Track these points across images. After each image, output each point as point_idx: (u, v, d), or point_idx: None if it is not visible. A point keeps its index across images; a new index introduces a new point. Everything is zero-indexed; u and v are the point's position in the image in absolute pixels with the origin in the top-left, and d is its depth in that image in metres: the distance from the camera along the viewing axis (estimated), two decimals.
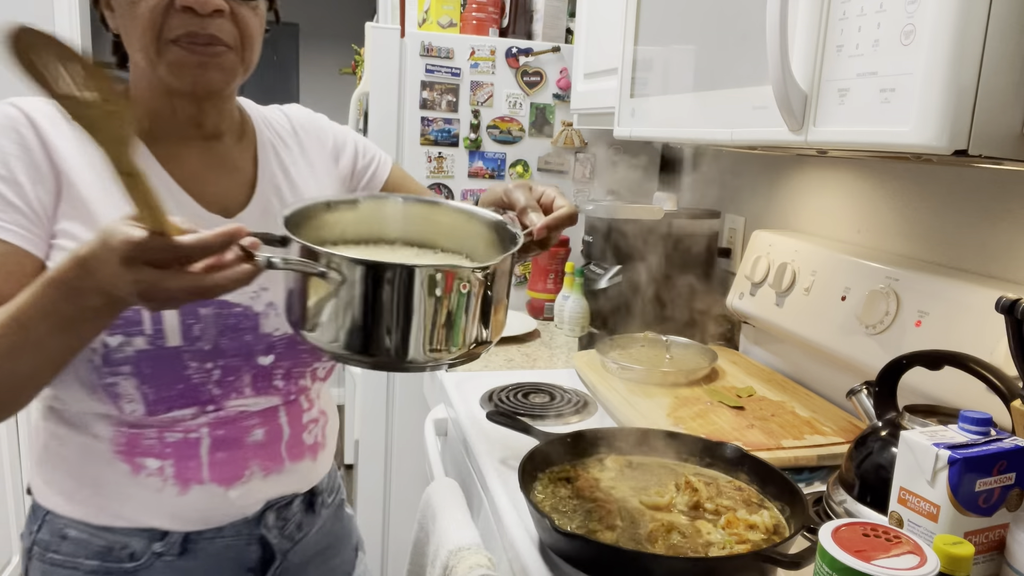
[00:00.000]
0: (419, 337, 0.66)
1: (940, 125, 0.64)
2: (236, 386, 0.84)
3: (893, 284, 1.09)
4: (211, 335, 0.80)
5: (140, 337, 0.76)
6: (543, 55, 1.95)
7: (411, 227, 0.86)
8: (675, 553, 0.77)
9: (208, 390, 0.82)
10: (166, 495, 0.82)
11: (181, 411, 0.81)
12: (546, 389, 1.32)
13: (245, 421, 0.86)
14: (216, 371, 0.82)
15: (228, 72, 0.79)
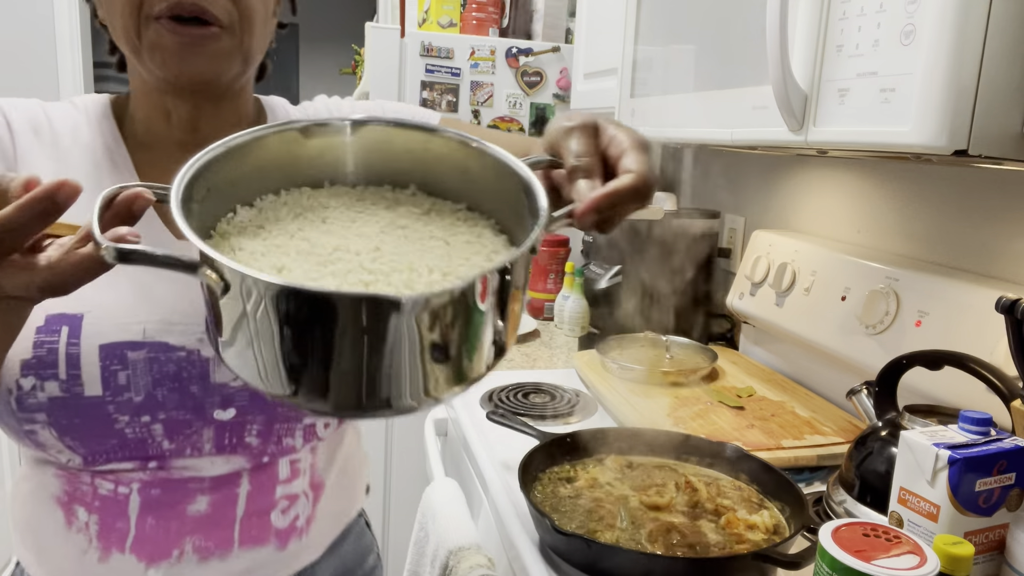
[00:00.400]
0: (385, 381, 0.42)
1: (940, 125, 0.64)
2: (193, 442, 0.69)
3: (893, 284, 1.09)
4: (143, 384, 0.66)
5: (53, 382, 0.63)
6: (543, 55, 1.95)
7: (392, 162, 0.57)
8: (675, 553, 0.77)
9: (156, 444, 0.68)
10: (88, 560, 0.69)
11: (120, 463, 0.68)
12: (546, 389, 1.32)
13: (191, 484, 0.70)
14: (157, 425, 0.67)
15: (221, 58, 0.66)
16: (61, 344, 0.63)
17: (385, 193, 0.56)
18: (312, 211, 0.52)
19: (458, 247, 0.50)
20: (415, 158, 0.56)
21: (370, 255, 0.47)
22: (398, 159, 0.56)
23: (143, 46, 0.64)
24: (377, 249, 0.48)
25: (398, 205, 0.55)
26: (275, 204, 0.53)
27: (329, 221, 0.52)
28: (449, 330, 0.43)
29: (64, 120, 0.72)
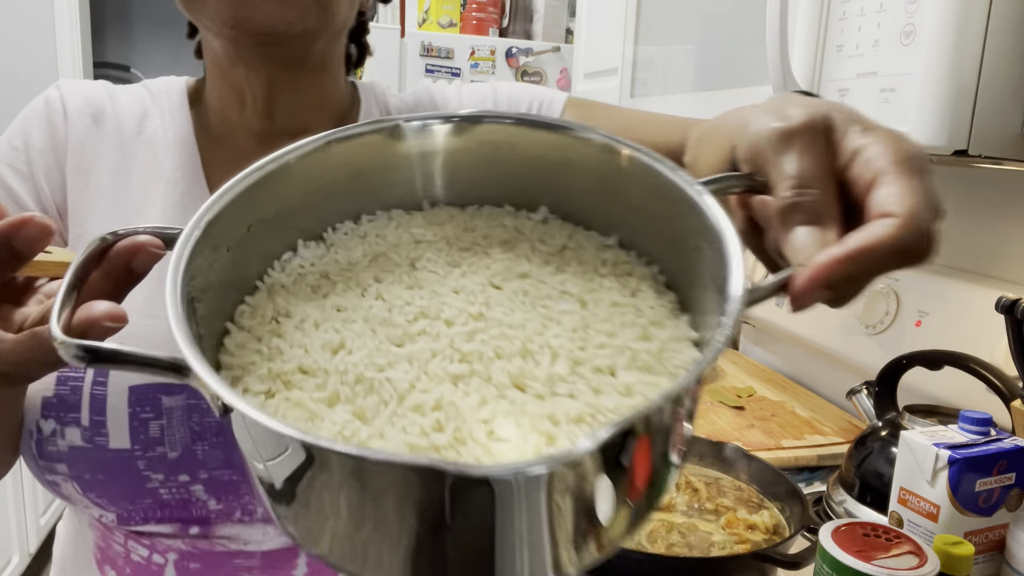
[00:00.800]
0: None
1: (940, 125, 0.64)
2: (244, 504, 0.58)
3: (893, 284, 1.09)
4: (178, 438, 0.56)
5: (74, 428, 0.54)
6: (543, 55, 1.95)
7: (514, 176, 0.40)
8: (675, 553, 0.77)
9: (200, 504, 0.57)
10: None
11: (159, 525, 0.58)
12: None
13: (238, 559, 0.59)
14: (197, 485, 0.57)
15: (294, 7, 0.53)
16: (86, 383, 0.54)
17: (504, 219, 0.39)
18: (398, 249, 0.37)
19: (600, 314, 0.34)
20: (547, 170, 0.39)
21: (466, 327, 0.32)
22: (523, 171, 0.39)
23: (206, 9, 0.53)
24: (480, 316, 0.33)
25: (520, 240, 0.38)
26: (349, 238, 0.38)
27: (420, 266, 0.36)
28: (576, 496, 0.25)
29: (132, 107, 0.64)
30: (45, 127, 0.61)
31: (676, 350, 0.33)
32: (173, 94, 0.65)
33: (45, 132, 0.61)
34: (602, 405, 0.29)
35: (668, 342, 0.33)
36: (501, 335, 0.32)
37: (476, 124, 0.38)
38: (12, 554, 2.14)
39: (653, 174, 0.35)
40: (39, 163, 0.60)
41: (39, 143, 0.60)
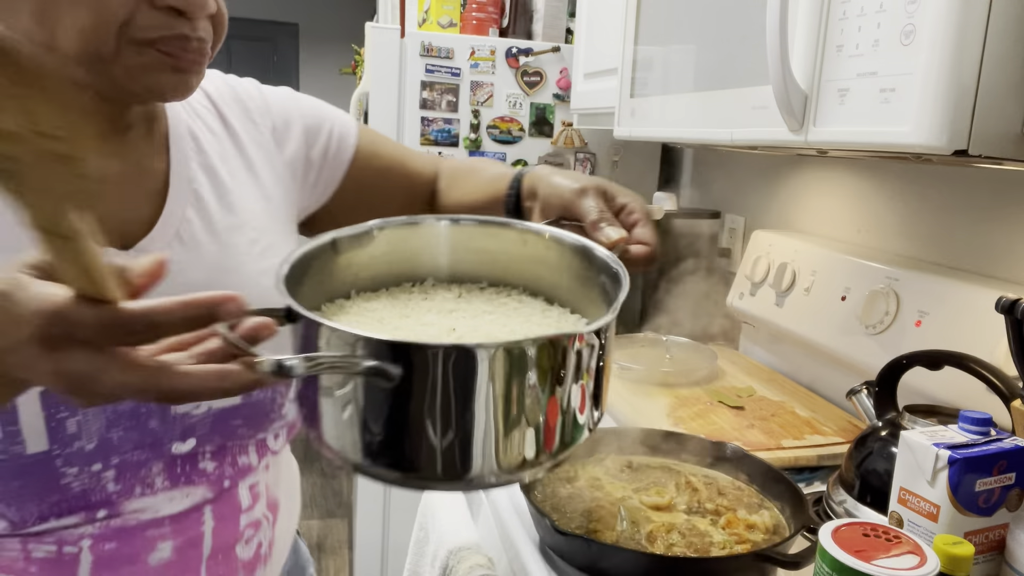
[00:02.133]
0: (520, 441, 0.44)
1: (940, 125, 0.64)
2: (144, 479, 0.60)
3: (893, 284, 1.09)
4: (95, 430, 0.57)
5: (16, 446, 0.54)
6: (543, 55, 1.95)
7: (455, 256, 0.61)
8: (675, 553, 0.77)
9: (102, 489, 0.59)
10: None
11: (60, 520, 0.58)
12: None
13: (149, 530, 0.61)
14: (109, 471, 0.59)
15: (203, 75, 0.61)
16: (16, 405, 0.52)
17: (413, 293, 0.60)
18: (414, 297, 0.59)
19: (526, 317, 0.56)
20: (494, 257, 0.61)
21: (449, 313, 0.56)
22: (423, 254, 0.61)
23: (118, 64, 0.55)
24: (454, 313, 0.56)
25: (432, 300, 0.59)
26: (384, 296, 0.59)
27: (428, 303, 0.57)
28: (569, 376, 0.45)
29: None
30: None
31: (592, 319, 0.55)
32: None
33: None
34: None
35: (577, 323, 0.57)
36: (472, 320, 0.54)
37: (423, 224, 0.60)
38: None
39: (526, 232, 0.61)
40: None
41: None
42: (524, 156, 1.99)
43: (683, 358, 1.39)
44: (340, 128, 0.81)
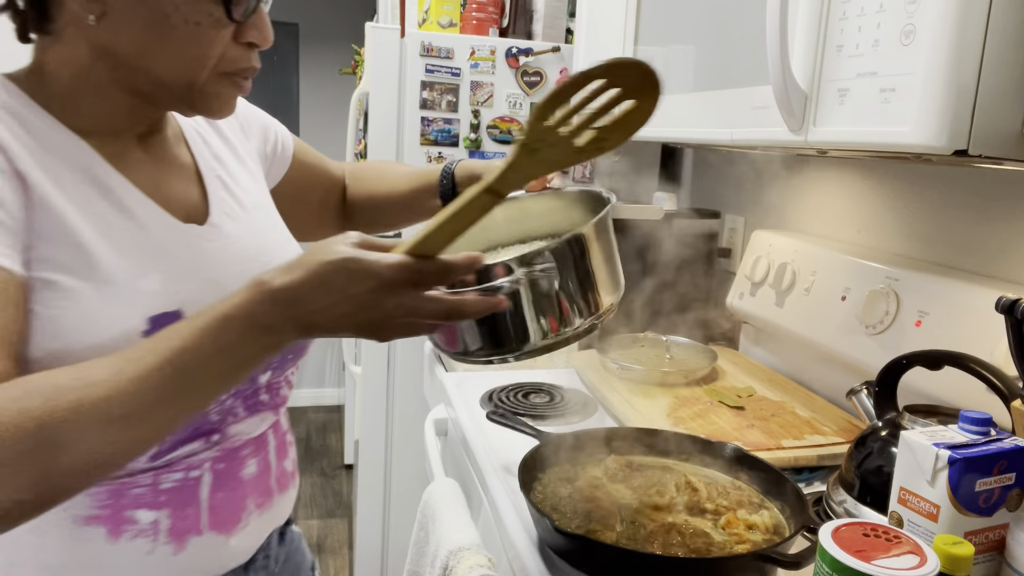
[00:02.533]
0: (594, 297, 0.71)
1: (940, 125, 0.64)
2: (231, 408, 0.72)
3: (893, 284, 1.09)
4: None
5: None
6: (543, 55, 1.95)
7: (513, 226, 0.83)
8: (675, 553, 0.77)
9: (208, 417, 0.70)
10: (158, 556, 0.68)
11: (187, 446, 0.69)
12: (546, 389, 1.32)
13: (243, 450, 0.75)
14: (227, 400, 0.72)
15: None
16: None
17: (499, 251, 0.86)
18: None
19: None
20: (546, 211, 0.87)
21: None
22: (496, 228, 0.86)
23: (204, 92, 0.66)
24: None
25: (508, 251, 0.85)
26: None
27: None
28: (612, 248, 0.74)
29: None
30: None
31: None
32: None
33: None
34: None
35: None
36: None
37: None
38: None
39: (546, 195, 0.86)
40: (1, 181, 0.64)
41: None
42: None
43: (683, 358, 1.39)
44: (282, 132, 0.95)
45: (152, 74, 0.64)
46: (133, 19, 0.62)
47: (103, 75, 0.65)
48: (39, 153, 0.62)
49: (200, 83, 0.65)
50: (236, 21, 0.64)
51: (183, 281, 0.67)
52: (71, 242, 0.61)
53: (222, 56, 0.65)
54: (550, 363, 1.54)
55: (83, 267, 0.61)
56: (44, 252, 0.60)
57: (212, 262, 0.71)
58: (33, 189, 0.60)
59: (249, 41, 0.66)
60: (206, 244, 0.71)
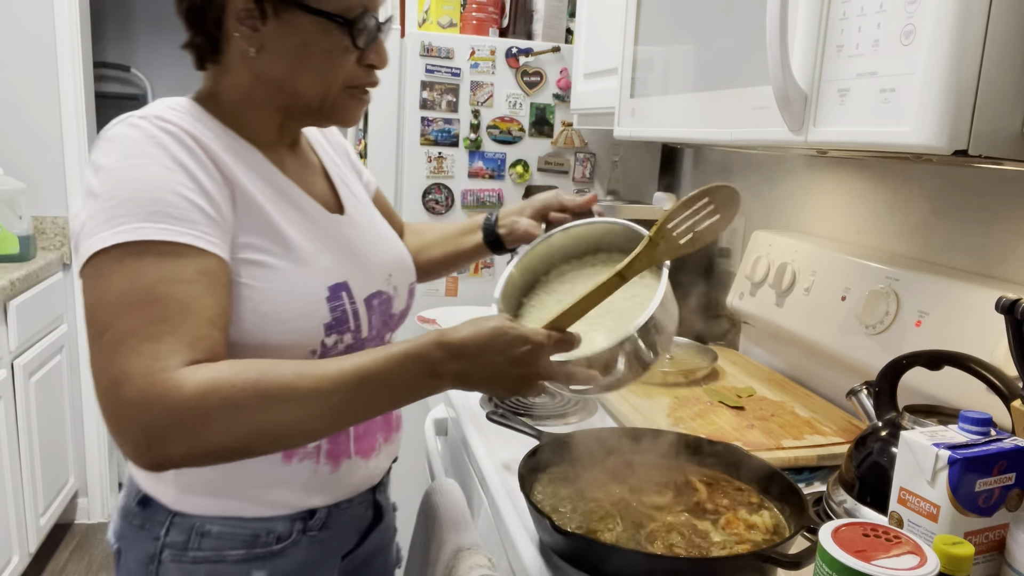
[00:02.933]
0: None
1: (940, 125, 0.64)
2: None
3: (893, 284, 1.09)
4: (375, 321, 0.88)
5: (348, 334, 0.83)
6: (543, 55, 1.95)
7: (568, 248, 0.96)
8: (675, 553, 0.77)
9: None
10: (320, 474, 0.86)
11: None
12: (545, 389, 1.32)
13: None
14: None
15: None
16: (347, 304, 0.82)
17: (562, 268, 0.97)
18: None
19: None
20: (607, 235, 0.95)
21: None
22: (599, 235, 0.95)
23: (335, 105, 0.82)
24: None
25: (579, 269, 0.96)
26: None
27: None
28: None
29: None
30: (185, 151, 0.75)
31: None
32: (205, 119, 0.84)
33: (189, 155, 0.75)
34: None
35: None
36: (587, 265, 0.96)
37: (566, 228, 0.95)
38: (12, 554, 2.14)
39: (598, 223, 0.95)
40: (202, 177, 0.75)
41: (192, 163, 0.75)
42: (524, 156, 1.99)
43: (683, 358, 1.39)
44: (369, 175, 1.09)
45: (297, 93, 0.81)
46: (283, 50, 0.78)
47: (261, 96, 0.81)
48: (237, 163, 0.78)
49: (332, 98, 0.81)
50: (359, 49, 0.79)
51: (343, 259, 0.85)
52: (271, 232, 0.79)
53: (347, 75, 0.80)
54: None
55: (282, 251, 0.79)
56: (251, 241, 0.77)
57: (356, 244, 0.89)
58: (239, 192, 0.77)
59: (369, 63, 0.81)
60: (348, 231, 0.89)
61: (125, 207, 0.68)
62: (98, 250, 0.67)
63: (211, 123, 0.80)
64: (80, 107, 2.49)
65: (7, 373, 2.10)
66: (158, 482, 0.83)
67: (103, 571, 2.46)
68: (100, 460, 2.73)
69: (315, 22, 0.77)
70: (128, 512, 0.85)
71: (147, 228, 0.68)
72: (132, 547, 0.85)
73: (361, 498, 0.93)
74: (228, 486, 0.82)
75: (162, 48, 3.75)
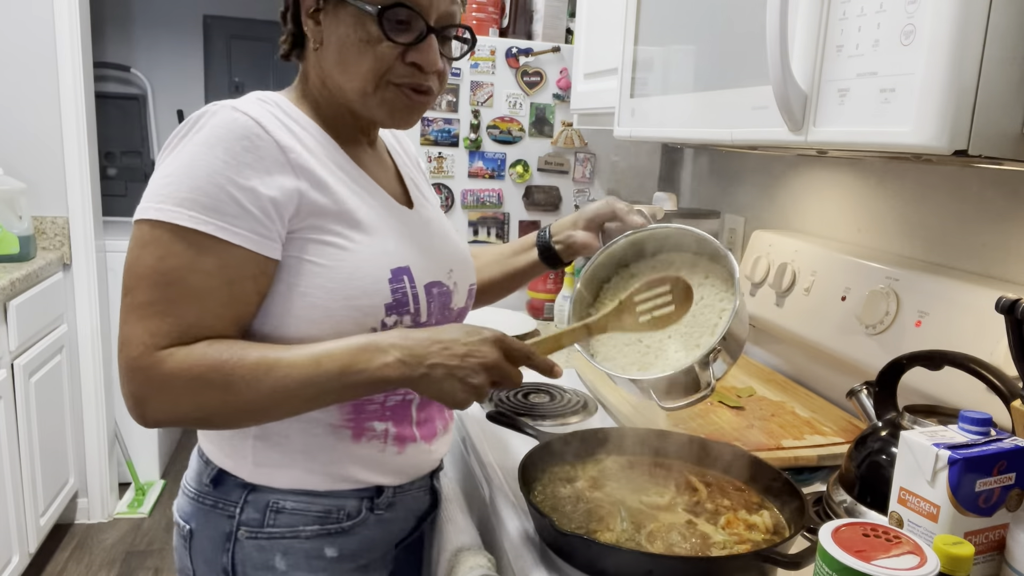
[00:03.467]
0: None
1: (940, 125, 0.63)
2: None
3: (893, 284, 1.09)
4: (434, 309, 0.90)
5: (407, 316, 0.85)
6: (543, 55, 1.95)
7: (629, 254, 0.99)
8: (675, 553, 0.77)
9: None
10: (387, 455, 0.90)
11: None
12: (546, 389, 1.32)
13: None
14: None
15: (421, 116, 0.91)
16: (407, 288, 0.85)
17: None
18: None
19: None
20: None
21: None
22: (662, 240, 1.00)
23: (375, 97, 0.83)
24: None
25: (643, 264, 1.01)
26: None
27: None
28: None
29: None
30: (246, 144, 0.78)
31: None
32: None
33: (246, 149, 0.78)
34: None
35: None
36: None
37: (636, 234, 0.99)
38: (12, 554, 2.14)
39: (670, 228, 0.98)
40: (250, 172, 0.78)
41: (248, 158, 0.78)
42: (524, 156, 1.99)
43: None
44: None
45: (342, 87, 0.83)
46: (332, 42, 0.82)
47: (332, 94, 0.85)
48: (312, 152, 0.82)
49: (371, 91, 0.82)
50: (393, 41, 0.80)
51: (406, 246, 0.88)
52: (342, 214, 0.82)
53: (390, 70, 0.82)
54: None
55: (355, 232, 0.83)
56: (321, 223, 0.81)
57: (420, 235, 0.91)
58: (311, 178, 0.80)
59: (412, 61, 0.82)
60: (414, 223, 0.92)
61: (170, 188, 0.75)
62: (140, 218, 0.75)
63: (297, 114, 0.84)
64: (80, 107, 2.49)
65: (7, 373, 2.10)
66: (235, 456, 0.87)
67: (103, 571, 2.46)
68: (100, 460, 2.72)
69: (351, 13, 0.80)
70: (200, 493, 0.89)
71: (178, 212, 0.74)
72: (205, 527, 0.88)
73: (421, 482, 0.96)
74: (303, 459, 0.86)
75: (162, 48, 3.75)
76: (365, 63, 0.81)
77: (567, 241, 1.04)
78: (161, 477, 3.04)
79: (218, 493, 0.87)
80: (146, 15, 3.74)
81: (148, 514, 2.81)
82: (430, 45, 0.83)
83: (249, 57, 3.89)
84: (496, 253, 1.15)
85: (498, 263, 1.13)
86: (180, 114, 3.78)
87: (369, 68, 0.81)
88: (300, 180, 0.79)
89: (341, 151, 0.86)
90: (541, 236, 1.08)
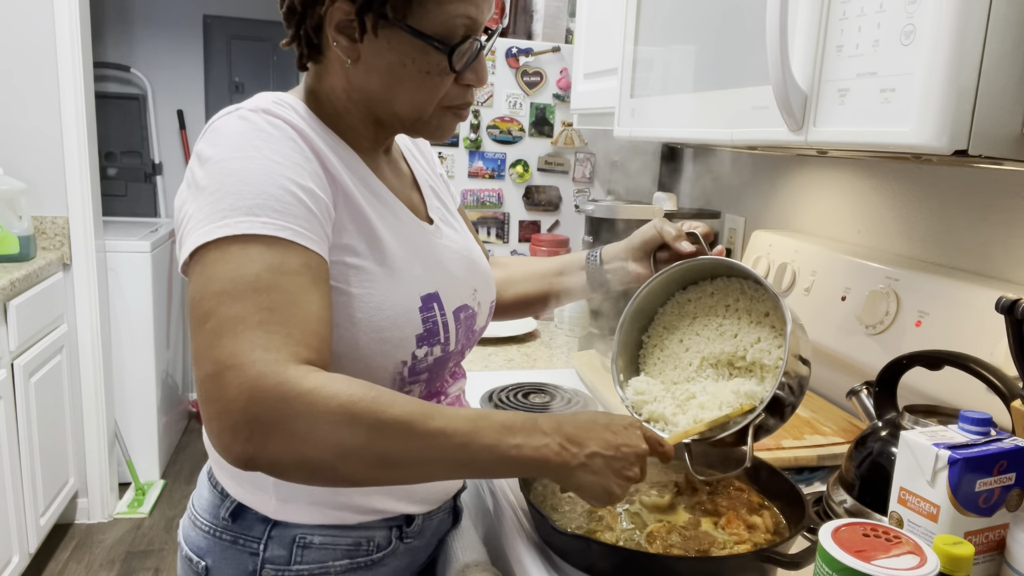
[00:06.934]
0: None
1: (940, 125, 0.63)
2: (454, 373, 0.93)
3: (893, 284, 1.09)
4: (461, 333, 0.86)
5: (438, 346, 0.82)
6: (543, 55, 1.95)
7: (679, 280, 0.98)
8: (675, 553, 0.77)
9: (443, 380, 0.90)
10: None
11: (432, 400, 0.87)
12: (546, 389, 1.32)
13: (458, 380, 0.95)
14: (453, 365, 0.90)
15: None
16: (438, 316, 0.81)
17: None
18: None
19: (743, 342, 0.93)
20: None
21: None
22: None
23: (430, 122, 0.80)
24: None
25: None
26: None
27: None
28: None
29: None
30: (292, 146, 0.73)
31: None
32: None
33: (294, 150, 0.73)
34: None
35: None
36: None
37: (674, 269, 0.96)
38: (12, 554, 2.14)
39: (713, 262, 0.95)
40: (304, 174, 0.73)
41: (298, 158, 0.73)
42: (524, 156, 1.99)
43: None
44: (451, 183, 1.09)
45: (391, 109, 0.79)
46: (379, 65, 0.76)
47: (357, 104, 0.80)
48: (339, 162, 0.77)
49: (427, 116, 0.79)
50: (457, 72, 0.76)
51: (433, 269, 0.83)
52: (370, 236, 0.77)
53: (445, 94, 0.78)
54: (550, 363, 1.54)
55: (379, 256, 0.77)
56: (350, 243, 0.75)
57: (444, 254, 0.87)
58: (343, 192, 0.76)
59: (467, 83, 0.79)
60: (437, 241, 0.87)
61: (229, 200, 0.66)
62: (201, 244, 0.65)
63: (313, 121, 0.78)
64: (80, 107, 2.49)
65: (7, 373, 2.10)
66: (258, 491, 0.80)
67: (103, 571, 2.46)
68: (100, 460, 2.72)
69: (415, 43, 0.74)
70: (216, 527, 0.82)
71: (250, 222, 0.65)
72: (224, 564, 0.81)
73: (446, 504, 0.93)
74: (331, 494, 0.80)
75: (162, 48, 3.75)
76: (423, 93, 0.77)
77: (618, 272, 1.01)
78: (161, 477, 3.04)
79: (238, 528, 0.81)
80: (146, 15, 3.74)
81: (148, 514, 2.81)
82: (481, 62, 0.79)
83: (249, 57, 3.89)
84: (533, 269, 1.11)
85: (540, 280, 1.09)
86: (180, 114, 3.78)
87: (427, 98, 0.77)
88: (336, 190, 0.75)
89: (362, 163, 0.81)
90: (592, 261, 1.04)
